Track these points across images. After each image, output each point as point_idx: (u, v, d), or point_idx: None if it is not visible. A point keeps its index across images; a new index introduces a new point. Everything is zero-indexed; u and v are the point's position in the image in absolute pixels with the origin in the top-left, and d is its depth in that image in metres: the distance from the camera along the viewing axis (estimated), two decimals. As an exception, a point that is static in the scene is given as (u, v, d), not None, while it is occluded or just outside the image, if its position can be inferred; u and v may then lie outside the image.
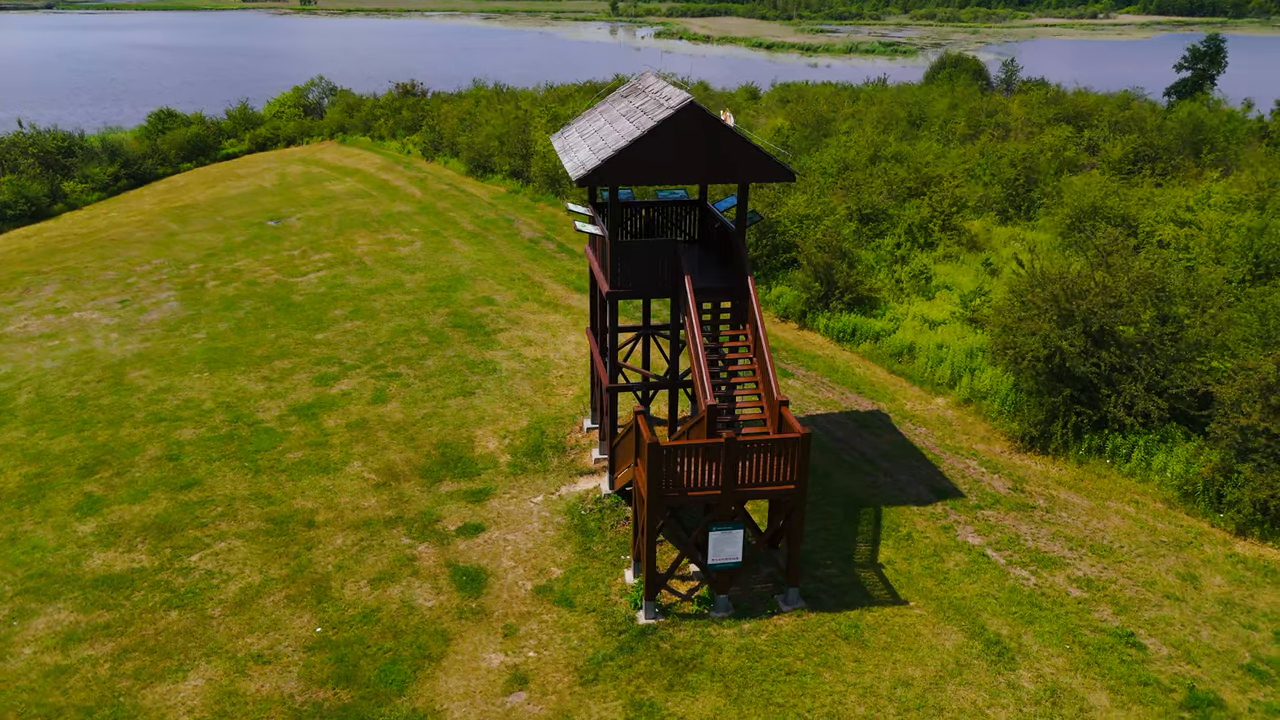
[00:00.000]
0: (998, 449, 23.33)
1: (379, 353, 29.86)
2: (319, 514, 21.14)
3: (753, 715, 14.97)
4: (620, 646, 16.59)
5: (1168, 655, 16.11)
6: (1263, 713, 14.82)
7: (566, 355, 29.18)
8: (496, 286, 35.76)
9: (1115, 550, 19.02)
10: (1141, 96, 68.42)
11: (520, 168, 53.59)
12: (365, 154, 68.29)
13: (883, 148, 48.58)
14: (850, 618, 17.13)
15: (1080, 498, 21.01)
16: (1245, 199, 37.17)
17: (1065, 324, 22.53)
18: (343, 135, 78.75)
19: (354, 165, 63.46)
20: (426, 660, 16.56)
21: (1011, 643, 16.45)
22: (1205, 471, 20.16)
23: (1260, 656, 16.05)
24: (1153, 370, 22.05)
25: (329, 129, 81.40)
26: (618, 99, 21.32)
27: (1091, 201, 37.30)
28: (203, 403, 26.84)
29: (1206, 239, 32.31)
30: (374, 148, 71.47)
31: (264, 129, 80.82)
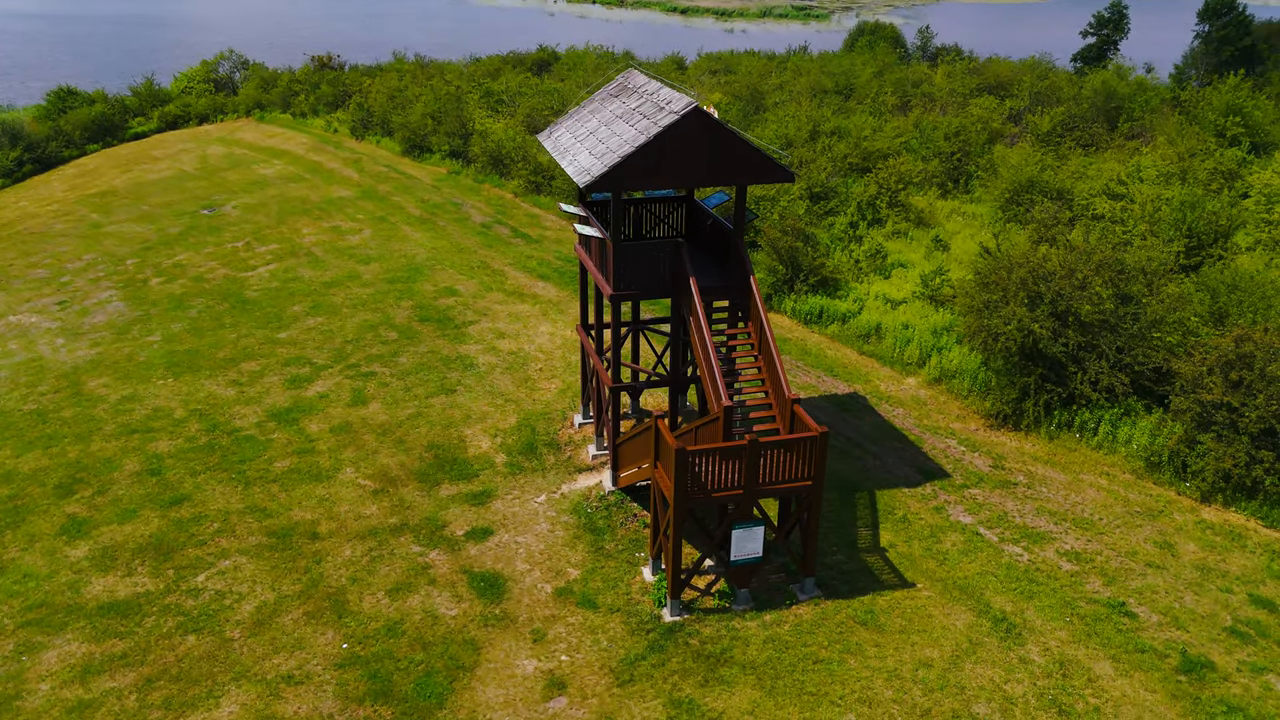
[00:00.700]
0: (973, 427, 24.46)
1: (349, 351, 29.44)
2: (321, 525, 20.99)
3: (788, 706, 15.68)
4: (650, 645, 17.08)
5: (1158, 622, 17.40)
6: (1249, 672, 16.19)
7: (542, 347, 29.27)
8: (457, 276, 35.46)
9: (1096, 523, 20.29)
10: (1050, 63, 70.87)
11: (459, 148, 52.78)
12: (289, 133, 66.18)
13: (821, 123, 49.40)
14: (864, 603, 17.96)
15: (1056, 472, 22.26)
16: (1170, 171, 39.17)
17: (1034, 306, 23.65)
18: (260, 112, 76.06)
19: (280, 146, 61.51)
20: (460, 671, 16.78)
21: (1016, 619, 17.52)
22: (1171, 443, 21.57)
23: (1239, 619, 17.46)
24: (1114, 348, 23.38)
25: (245, 106, 78.48)
26: (607, 98, 21.37)
27: (1028, 176, 38.77)
28: (173, 411, 26.14)
29: (1140, 212, 34.01)
30: (297, 126, 69.32)
31: (173, 106, 77.45)
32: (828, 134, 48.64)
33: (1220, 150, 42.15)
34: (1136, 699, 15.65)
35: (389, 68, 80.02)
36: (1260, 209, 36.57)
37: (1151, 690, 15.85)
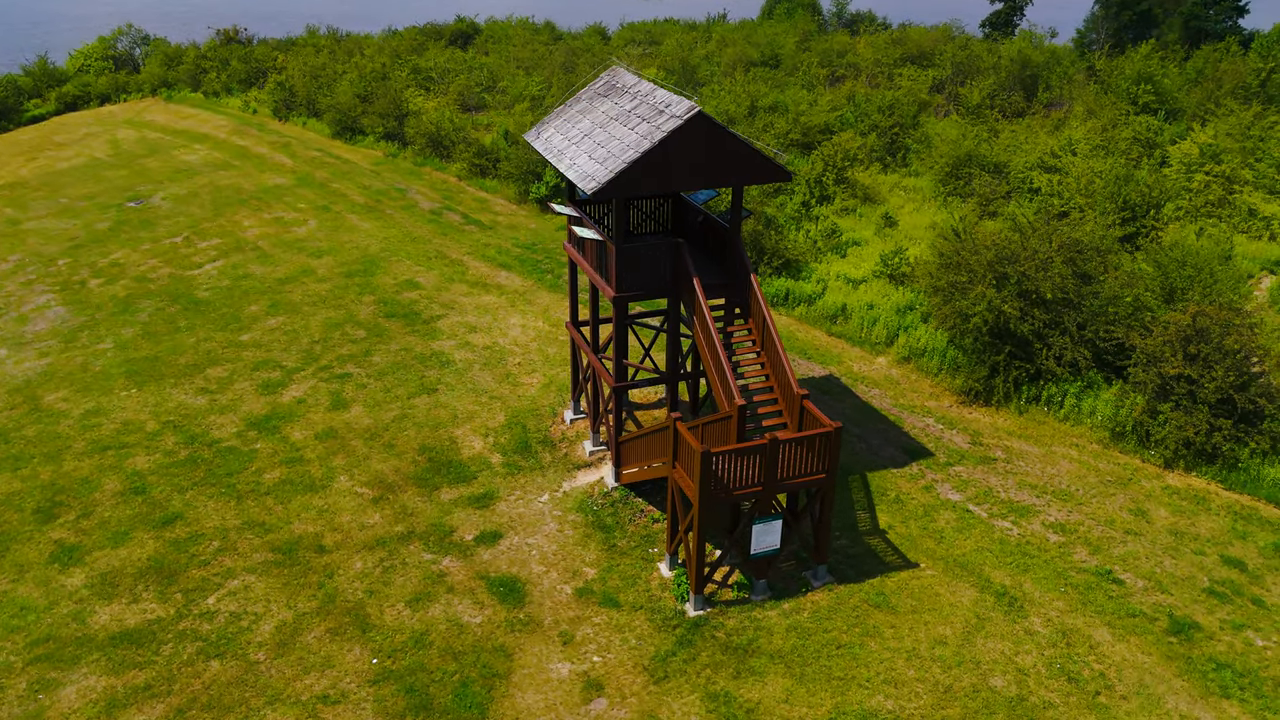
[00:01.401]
0: (946, 404, 25.57)
1: (318, 351, 28.95)
2: (325, 537, 20.85)
3: (820, 692, 16.46)
4: (679, 641, 17.64)
5: (1144, 587, 18.74)
6: (1231, 629, 17.62)
7: (516, 340, 29.29)
8: (415, 268, 35.02)
9: (1074, 494, 21.60)
10: (964, 30, 72.82)
11: (394, 129, 51.66)
12: (204, 114, 63.65)
13: (759, 98, 49.96)
14: (874, 586, 18.84)
15: (1030, 445, 23.53)
16: (1097, 144, 40.98)
17: (1000, 286, 24.76)
18: (168, 91, 72.85)
19: (197, 129, 59.18)
20: (496, 679, 17.06)
21: (1016, 592, 18.64)
22: (1135, 414, 23.00)
23: (1215, 579, 18.93)
24: (1075, 324, 24.69)
25: (149, 85, 75.02)
26: (596, 98, 21.40)
27: (966, 150, 40.10)
28: (144, 424, 25.40)
29: (1075, 185, 35.62)
30: (211, 106, 66.68)
31: (71, 86, 73.57)
32: (766, 109, 49.27)
33: (1139, 118, 44.21)
34: (1136, 662, 16.92)
35: (303, 42, 77.47)
36: (1181, 178, 38.69)
37: (1147, 653, 17.14)
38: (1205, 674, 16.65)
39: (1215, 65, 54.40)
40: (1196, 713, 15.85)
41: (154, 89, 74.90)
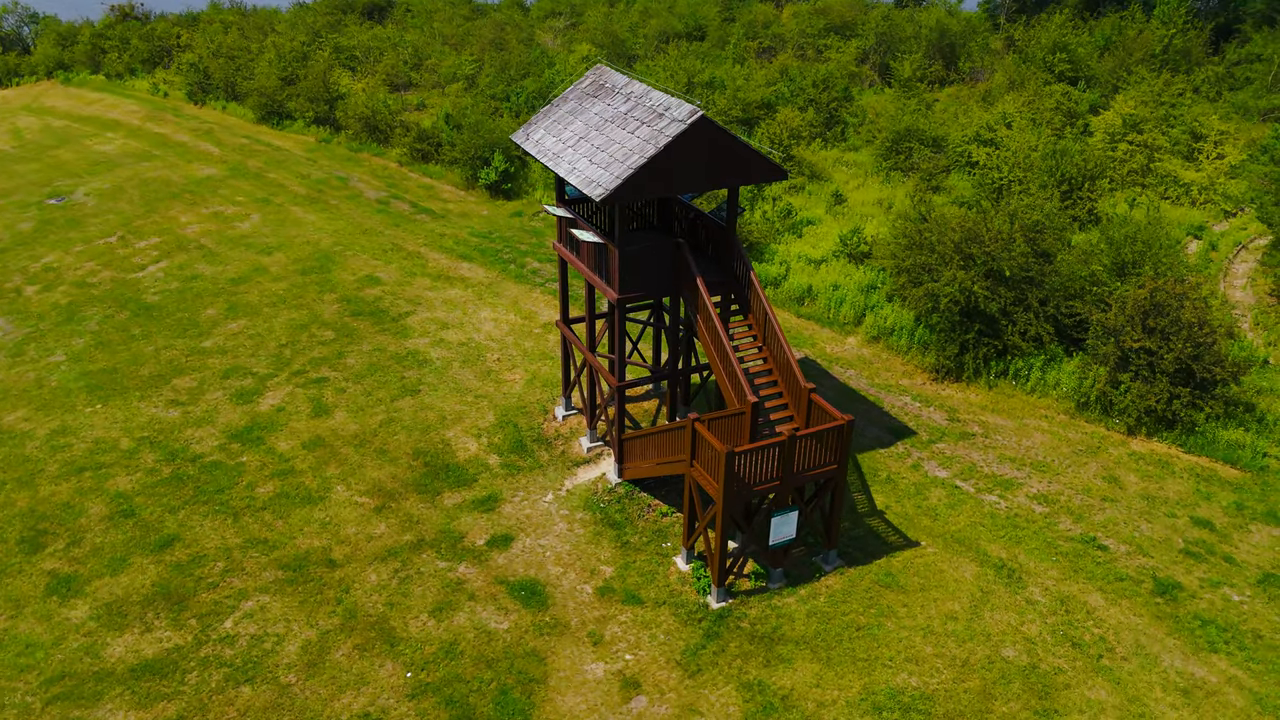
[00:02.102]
0: (919, 382, 26.65)
1: (288, 355, 28.39)
2: (334, 551, 20.74)
3: (848, 674, 17.30)
4: (706, 634, 18.25)
5: (1126, 551, 20.12)
6: (1210, 586, 19.12)
7: (491, 336, 29.23)
8: (373, 262, 34.45)
9: (1051, 465, 22.91)
10: (879, 0, 74.15)
11: (324, 113, 50.23)
12: (110, 98, 60.69)
13: (695, 74, 50.16)
14: (882, 566, 19.77)
15: (1003, 419, 24.77)
16: (1028, 116, 42.58)
17: (968, 267, 25.82)
18: (65, 74, 69.21)
19: (106, 115, 56.47)
20: (534, 684, 17.40)
21: (1013, 563, 19.80)
22: (1099, 386, 24.41)
23: (1189, 540, 20.44)
24: (1038, 300, 25.96)
25: (44, 66, 71.18)
26: (585, 98, 21.41)
27: (905, 125, 41.23)
28: (118, 442, 24.64)
29: (1013, 159, 37.06)
30: (116, 89, 63.59)
31: (-45, 71, 69.26)
32: (703, 86, 49.55)
33: (1056, 87, 46.03)
34: (1130, 624, 18.25)
35: (207, 18, 74.25)
36: (1105, 148, 40.58)
37: (1138, 614, 18.49)
38: (1193, 631, 18.07)
39: (1122, 33, 56.86)
40: (1190, 669, 17.24)
41: (49, 71, 71.04)
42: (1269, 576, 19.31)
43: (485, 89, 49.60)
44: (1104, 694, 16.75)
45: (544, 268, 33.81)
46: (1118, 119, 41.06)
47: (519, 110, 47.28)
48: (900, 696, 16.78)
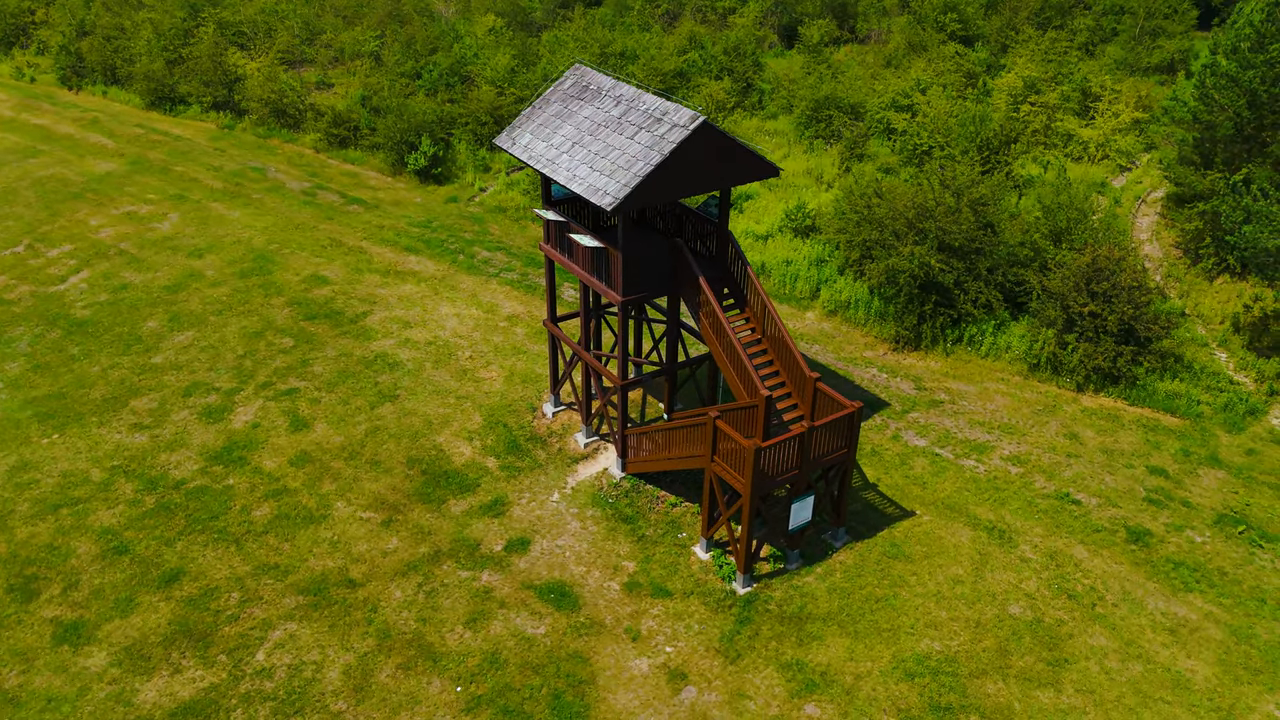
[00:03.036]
0: (881, 353, 28.04)
1: (249, 367, 27.59)
2: (350, 570, 20.66)
3: (877, 645, 18.55)
4: (738, 620, 19.17)
5: (1097, 504, 22.03)
6: (1175, 531, 21.19)
7: (457, 332, 29.08)
8: (314, 260, 33.52)
9: (1016, 426, 24.67)
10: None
11: (224, 98, 47.81)
12: (-28, 88, 55.93)
13: (608, 44, 50.02)
14: (885, 538, 21.06)
15: (965, 385, 26.42)
16: (935, 80, 44.33)
17: (922, 241, 27.20)
18: (-95, 60, 63.08)
19: (-27, 107, 52.11)
20: (583, 685, 17.99)
21: (1001, 524, 21.43)
22: (1050, 348, 26.29)
23: (1149, 489, 22.51)
24: (985, 268, 27.61)
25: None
26: (570, 100, 21.43)
27: (824, 93, 42.38)
28: (88, 474, 23.64)
29: (932, 125, 38.72)
30: (-27, 76, 58.55)
31: None
32: (617, 57, 49.50)
33: (950, 46, 47.99)
34: (1114, 572, 20.12)
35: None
36: (1008, 110, 42.75)
37: (1119, 562, 20.40)
38: (1168, 574, 20.08)
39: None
40: (1173, 609, 19.22)
41: (-115, 56, 64.68)
42: (1222, 517, 21.53)
43: (394, 67, 48.16)
44: (1104, 640, 18.53)
45: (494, 257, 33.64)
46: (1018, 81, 43.24)
47: (434, 88, 46.22)
48: (927, 661, 18.15)
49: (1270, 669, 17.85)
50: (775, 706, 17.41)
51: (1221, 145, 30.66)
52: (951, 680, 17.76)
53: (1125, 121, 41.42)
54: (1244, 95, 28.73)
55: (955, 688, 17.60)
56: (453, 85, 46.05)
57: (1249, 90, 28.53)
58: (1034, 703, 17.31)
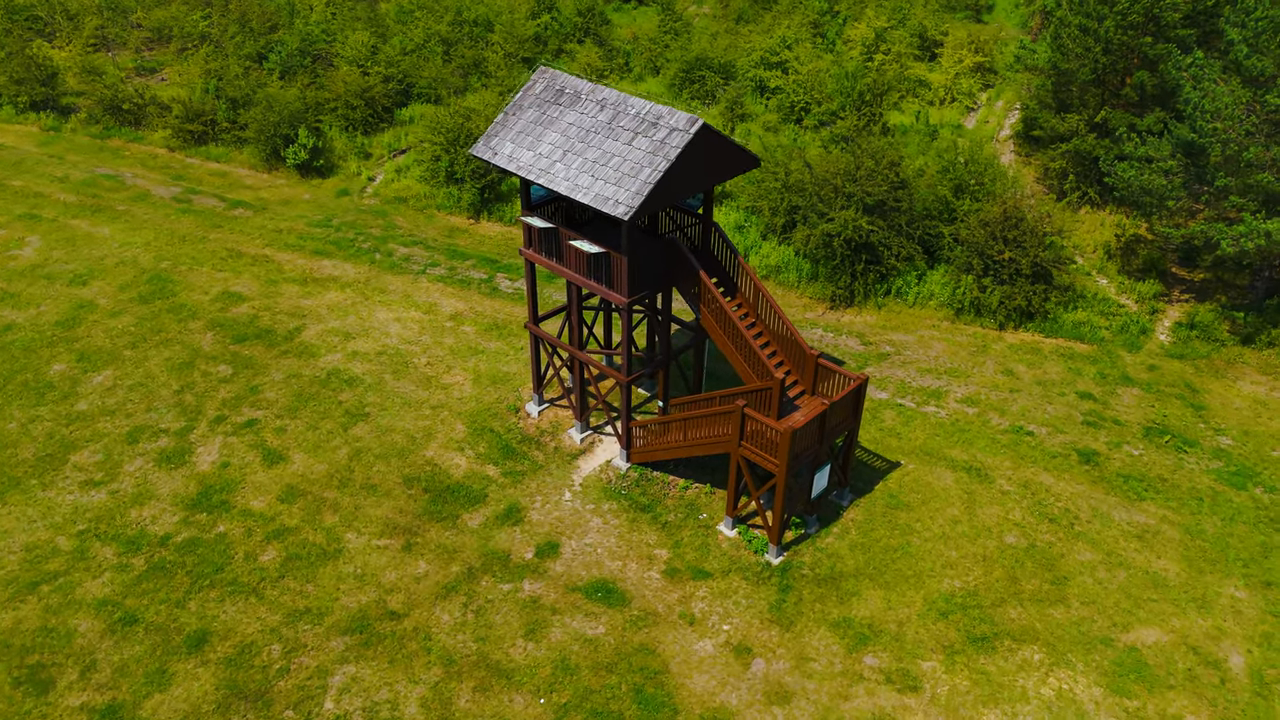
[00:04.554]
0: (820, 313, 29.84)
1: (192, 402, 26.03)
2: (389, 601, 20.46)
3: (908, 591, 20.46)
4: (780, 589, 20.57)
5: (1047, 433, 24.82)
6: (1115, 448, 24.25)
7: (404, 338, 28.46)
8: (218, 275, 31.53)
9: (959, 369, 27.15)
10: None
11: (45, 96, 43.03)
12: None
13: (462, 10, 48.62)
14: (883, 490, 22.96)
15: (904, 335, 28.67)
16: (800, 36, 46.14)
17: (849, 204, 29.00)
18: None
19: None
20: (659, 675, 18.91)
21: (976, 463, 23.81)
22: (972, 293, 28.90)
23: (1083, 412, 25.52)
24: (904, 223, 29.82)
25: None
26: (547, 105, 21.33)
27: (696, 54, 43.32)
28: (55, 544, 21.91)
29: (807, 81, 40.56)
30: None
31: None
32: (471, 24, 48.28)
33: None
34: (1079, 493, 22.93)
35: None
36: (861, 60, 45.26)
37: (1079, 483, 23.24)
38: (1121, 487, 23.11)
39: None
40: (1134, 518, 22.23)
41: None
42: (1149, 430, 24.85)
43: (235, 50, 44.91)
44: (1089, 554, 21.28)
45: (413, 253, 32.83)
46: (870, 32, 45.74)
47: (287, 70, 43.57)
48: (954, 599, 20.27)
49: (1222, 558, 21.15)
50: (838, 663, 19.03)
51: (1077, 90, 34.08)
52: (979, 613, 19.96)
53: (968, 66, 44.83)
54: (1099, 44, 32.01)
55: (984, 619, 19.82)
56: (305, 67, 43.58)
57: (1104, 39, 31.82)
58: (1051, 620, 19.79)
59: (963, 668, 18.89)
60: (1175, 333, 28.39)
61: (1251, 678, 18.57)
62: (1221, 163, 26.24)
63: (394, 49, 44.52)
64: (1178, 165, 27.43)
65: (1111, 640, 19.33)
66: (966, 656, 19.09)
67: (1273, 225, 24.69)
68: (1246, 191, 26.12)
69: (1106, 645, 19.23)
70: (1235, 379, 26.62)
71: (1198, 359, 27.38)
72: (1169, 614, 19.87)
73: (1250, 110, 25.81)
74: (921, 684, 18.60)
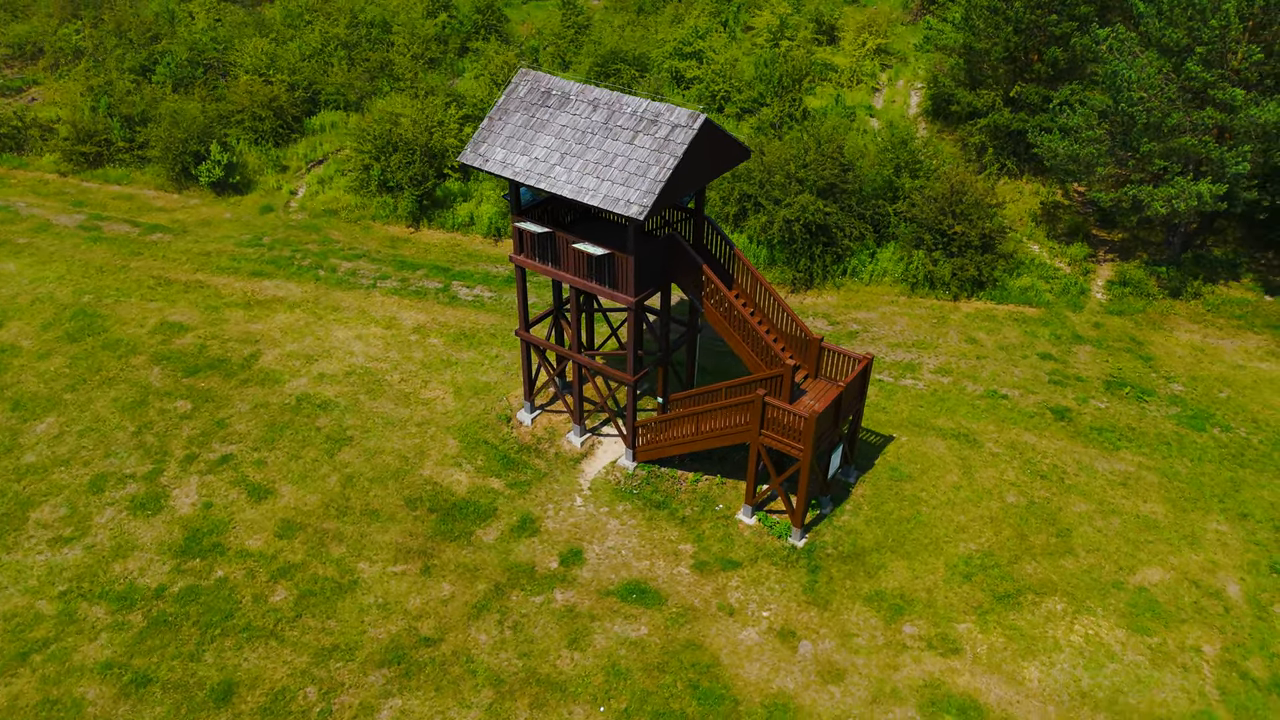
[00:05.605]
0: (784, 295, 30.34)
1: (154, 443, 24.43)
2: (421, 627, 19.79)
3: (929, 559, 21.18)
4: (809, 570, 20.94)
5: (1019, 395, 26.08)
6: (1083, 403, 25.71)
7: (370, 356, 27.45)
8: (150, 306, 29.59)
9: (926, 341, 28.18)
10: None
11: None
12: None
13: (359, 12, 46.97)
14: (884, 464, 23.66)
15: (867, 312, 29.54)
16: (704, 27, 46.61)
17: (801, 189, 29.63)
18: None
19: None
20: (712, 669, 18.98)
21: (962, 429, 24.82)
22: (926, 267, 30.02)
23: (1045, 373, 26.93)
24: (854, 203, 30.69)
25: None
26: (535, 108, 20.91)
27: (610, 47, 43.24)
28: (36, 609, 20.23)
29: (726, 70, 41.08)
30: None
31: None
32: (368, 25, 46.72)
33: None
34: (1062, 448, 24.22)
35: None
36: (769, 48, 46.18)
37: (1059, 439, 24.56)
38: (1097, 439, 24.54)
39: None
40: (1115, 466, 23.66)
41: None
42: (1109, 383, 26.46)
43: (116, 64, 42.00)
44: (1083, 505, 22.55)
45: (358, 267, 31.63)
46: (775, 19, 46.67)
47: (179, 83, 41.11)
48: (973, 561, 21.13)
49: (1200, 496, 22.78)
50: (881, 636, 19.57)
51: (989, 67, 35.78)
52: (998, 571, 20.88)
53: (871, 48, 46.35)
54: (1009, 24, 33.68)
55: (1004, 576, 20.76)
56: (198, 78, 41.22)
57: (1014, 19, 33.50)
58: (1064, 571, 20.90)
59: (995, 625, 19.74)
60: (1109, 290, 30.29)
61: (1250, 603, 20.13)
62: (1144, 129, 28.10)
63: (294, 54, 42.63)
64: (1104, 134, 29.21)
65: (1122, 583, 20.57)
66: (996, 615, 19.95)
67: (1203, 186, 26.64)
68: (1169, 155, 28.08)
69: (1118, 589, 20.46)
70: (1171, 329, 28.64)
71: (1135, 314, 29.32)
72: (1166, 553, 21.29)
73: (1169, 79, 27.72)
74: (961, 646, 19.35)
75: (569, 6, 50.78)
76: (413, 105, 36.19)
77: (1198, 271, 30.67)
